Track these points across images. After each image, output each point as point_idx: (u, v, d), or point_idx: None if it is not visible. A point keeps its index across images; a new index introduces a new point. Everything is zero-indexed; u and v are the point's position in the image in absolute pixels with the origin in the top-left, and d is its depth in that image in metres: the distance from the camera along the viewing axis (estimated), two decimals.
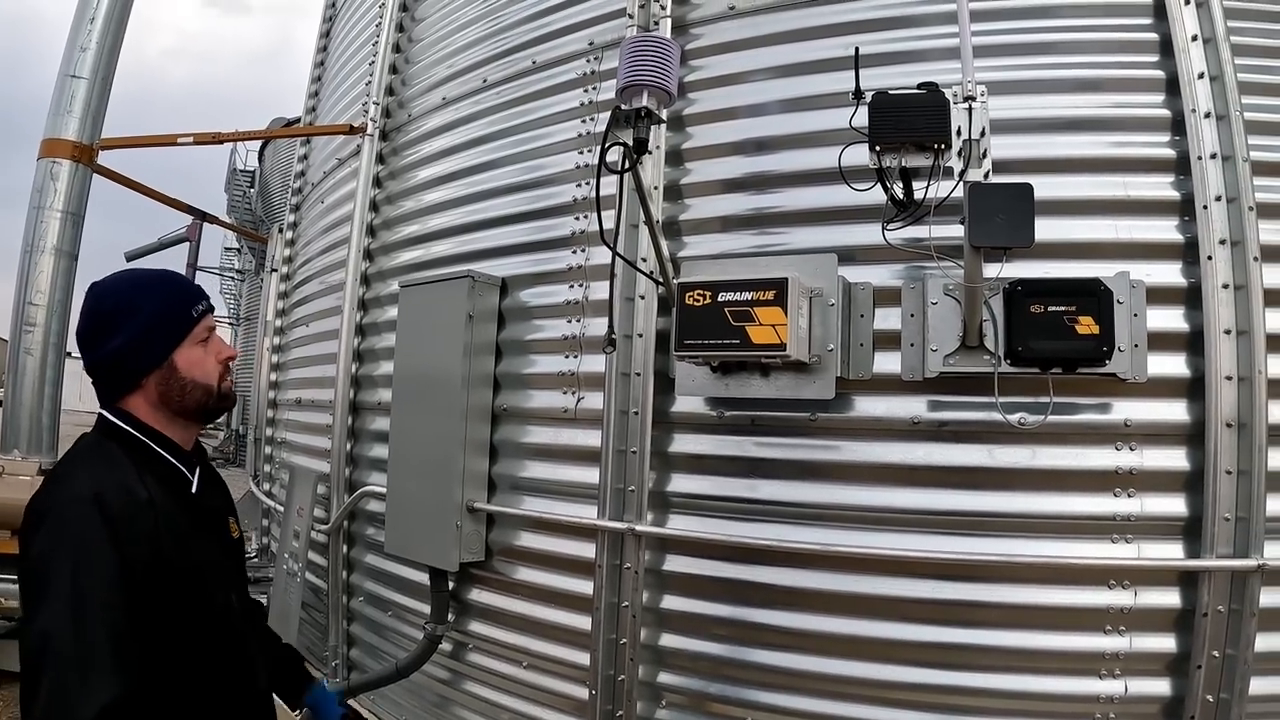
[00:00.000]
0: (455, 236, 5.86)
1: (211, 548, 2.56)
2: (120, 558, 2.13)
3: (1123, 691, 3.83)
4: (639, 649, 4.49)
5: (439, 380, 5.20)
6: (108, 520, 2.15)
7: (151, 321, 2.48)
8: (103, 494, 2.20)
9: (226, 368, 2.65)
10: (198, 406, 2.55)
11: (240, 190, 33.96)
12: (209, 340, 2.61)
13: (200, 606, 2.40)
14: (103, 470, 2.32)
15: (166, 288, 2.59)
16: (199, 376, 2.54)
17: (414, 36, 6.88)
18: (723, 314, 3.86)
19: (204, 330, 2.59)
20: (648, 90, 3.45)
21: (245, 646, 2.65)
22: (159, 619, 2.22)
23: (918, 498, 4.08)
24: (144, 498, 2.29)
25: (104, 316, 2.48)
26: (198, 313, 2.58)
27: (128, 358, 2.47)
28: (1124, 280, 3.75)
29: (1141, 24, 4.26)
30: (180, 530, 2.36)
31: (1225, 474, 3.76)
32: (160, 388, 2.49)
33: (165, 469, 2.47)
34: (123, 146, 8.60)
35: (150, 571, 2.20)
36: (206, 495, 2.63)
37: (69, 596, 2.06)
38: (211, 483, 2.72)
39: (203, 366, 2.56)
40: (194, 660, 2.35)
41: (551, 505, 4.94)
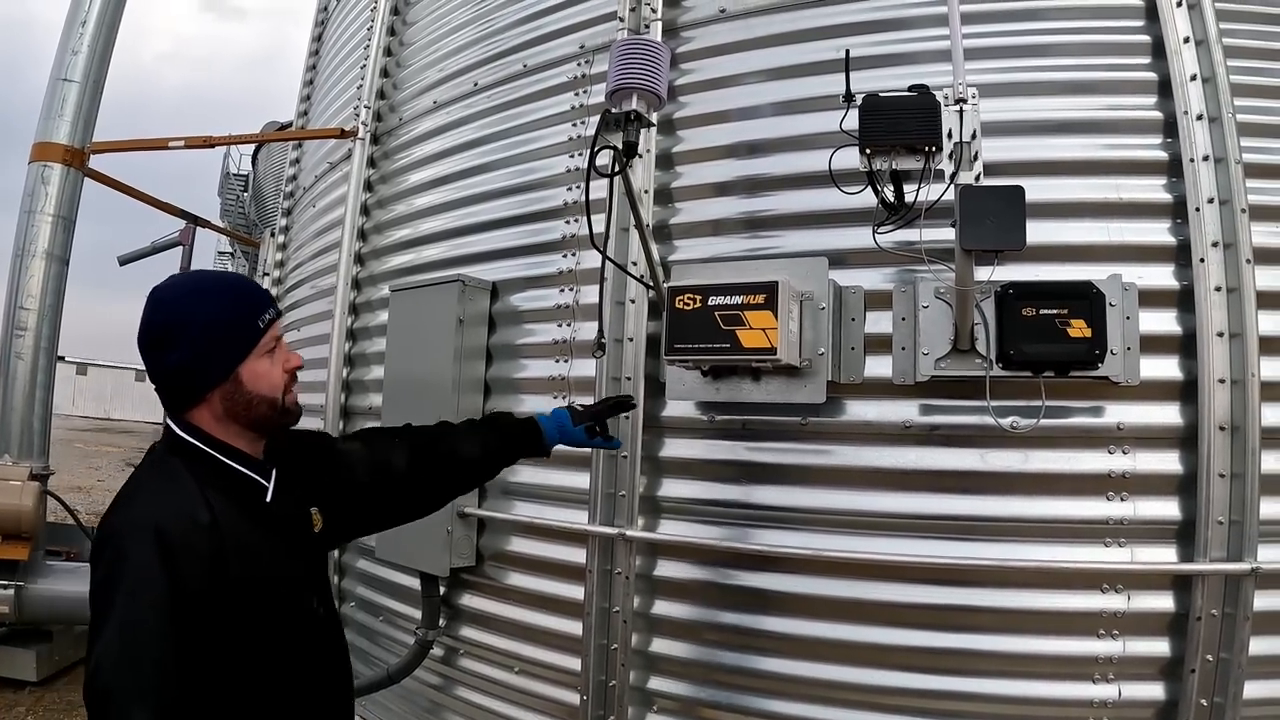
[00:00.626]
0: (446, 240, 5.85)
1: (288, 556, 2.46)
2: (176, 587, 2.07)
3: (1116, 696, 3.81)
4: (630, 654, 4.48)
5: (430, 384, 5.18)
6: (164, 549, 2.08)
7: (214, 334, 2.34)
8: (161, 522, 2.13)
9: (293, 378, 2.53)
10: (263, 420, 2.44)
11: (233, 194, 33.93)
12: (276, 349, 2.47)
13: (277, 619, 2.34)
14: (164, 493, 2.26)
15: (230, 295, 2.44)
16: (264, 390, 2.41)
17: (405, 40, 6.87)
18: (713, 318, 3.84)
19: (271, 340, 2.45)
20: (637, 93, 3.43)
21: (330, 647, 2.60)
22: (226, 642, 2.17)
23: (910, 502, 4.07)
24: (205, 520, 2.19)
25: (162, 328, 2.35)
26: (264, 322, 2.44)
27: (189, 373, 2.35)
28: (1116, 283, 3.74)
29: (1133, 26, 4.25)
30: (250, 546, 2.28)
31: (1218, 477, 3.75)
32: (225, 403, 2.37)
33: (235, 481, 2.38)
34: (114, 150, 8.58)
35: (212, 597, 2.14)
36: (283, 499, 2.51)
37: (120, 625, 2.03)
38: (292, 479, 2.59)
39: (269, 379, 2.43)
40: (270, 674, 2.31)
41: (542, 510, 4.93)
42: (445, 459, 3.18)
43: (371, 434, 3.17)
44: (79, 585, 7.69)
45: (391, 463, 2.99)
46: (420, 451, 3.10)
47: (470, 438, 3.29)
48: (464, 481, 3.34)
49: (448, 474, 3.20)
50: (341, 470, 2.85)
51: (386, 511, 3.07)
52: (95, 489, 21.83)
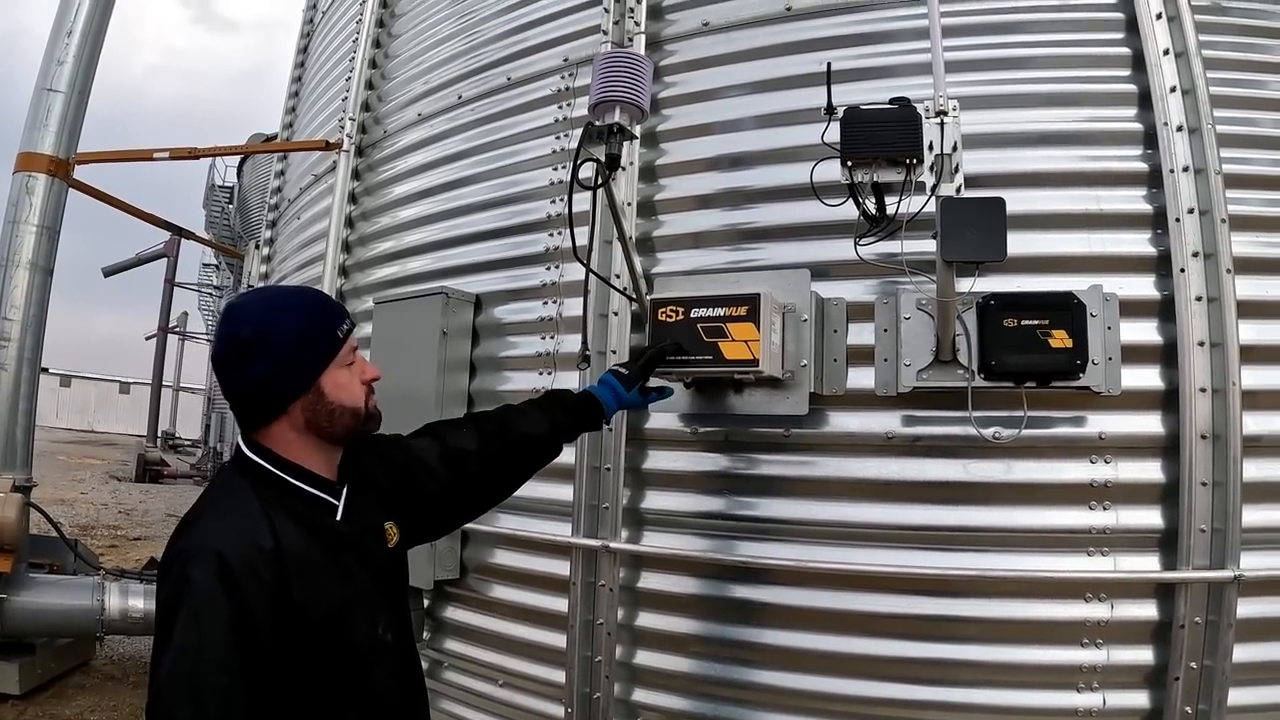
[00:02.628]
0: (430, 253, 5.86)
1: (356, 577, 2.41)
2: (239, 613, 2.06)
3: (1101, 704, 3.82)
4: (614, 666, 4.48)
5: (413, 397, 5.18)
6: (226, 575, 2.07)
7: (297, 346, 2.37)
8: (223, 548, 2.11)
9: (371, 388, 2.54)
10: (345, 431, 2.45)
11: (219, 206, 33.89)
12: (355, 360, 2.50)
13: (341, 647, 2.30)
14: (229, 517, 2.24)
15: (309, 308, 2.47)
16: (346, 400, 2.42)
17: (390, 52, 6.89)
18: (696, 330, 3.84)
19: (349, 352, 2.48)
20: (620, 106, 3.43)
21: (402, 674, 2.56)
22: (295, 665, 2.17)
23: (893, 513, 4.08)
24: (269, 546, 2.18)
25: (244, 344, 2.34)
26: (343, 333, 2.46)
27: (273, 385, 2.36)
28: (1097, 293, 3.76)
29: (1114, 39, 4.29)
30: (316, 571, 2.26)
31: (1200, 486, 3.77)
32: (307, 414, 2.38)
33: (303, 502, 2.36)
34: (99, 161, 8.57)
35: (275, 623, 2.12)
36: (354, 516, 2.48)
37: (181, 651, 2.02)
38: (365, 496, 2.57)
39: (350, 389, 2.44)
40: (343, 698, 2.29)
41: (526, 522, 4.93)
42: (518, 442, 3.17)
43: (441, 427, 3.15)
44: (61, 598, 7.68)
45: (467, 453, 2.99)
46: (492, 439, 3.09)
47: (537, 416, 3.28)
48: (535, 462, 3.27)
49: (521, 457, 3.20)
50: (419, 472, 2.84)
51: (466, 504, 3.08)
52: (78, 501, 21.77)
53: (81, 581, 7.98)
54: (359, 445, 2.63)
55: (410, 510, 2.74)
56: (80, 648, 8.60)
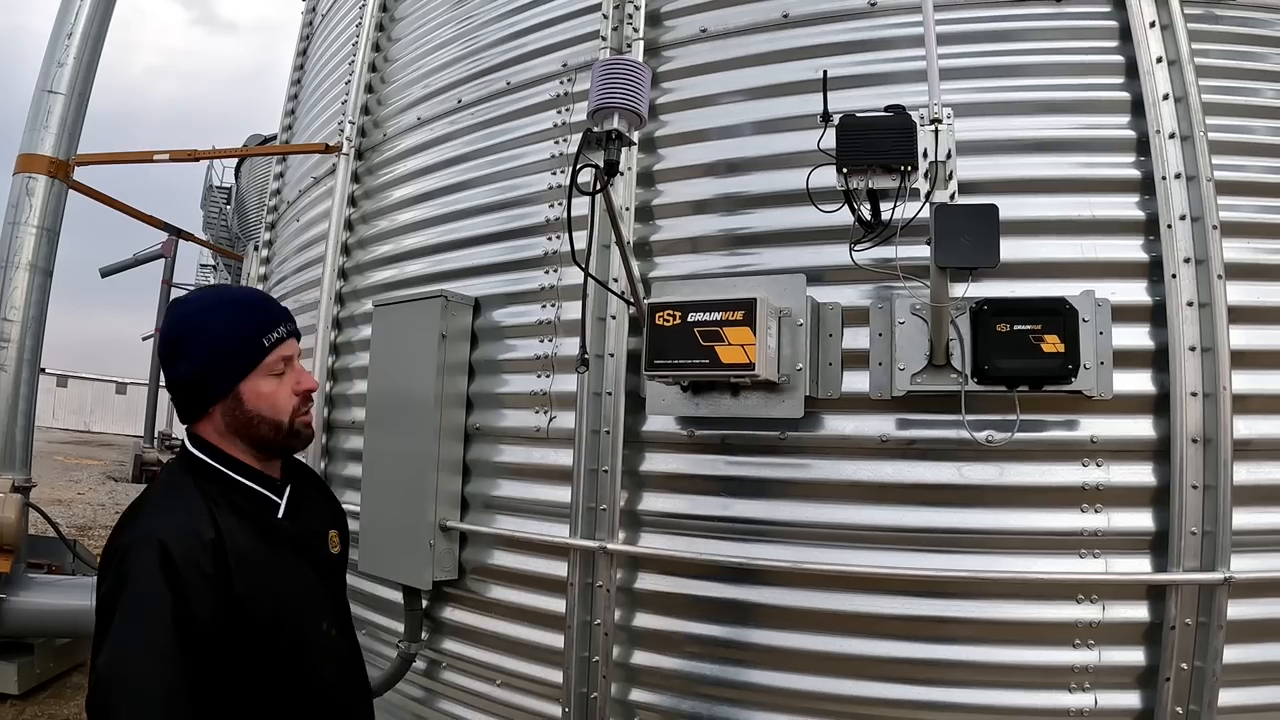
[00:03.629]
0: (429, 256, 5.89)
1: (301, 575, 2.43)
2: (179, 605, 2.07)
3: (1093, 705, 3.86)
4: (611, 667, 4.50)
5: (412, 399, 5.21)
6: (167, 566, 2.08)
7: (217, 350, 2.36)
8: (165, 538, 2.11)
9: (305, 400, 2.49)
10: (265, 441, 2.42)
11: (216, 207, 33.87)
12: (286, 371, 2.45)
13: (285, 640, 2.30)
14: (169, 510, 2.24)
15: (238, 312, 2.44)
16: (266, 411, 2.39)
17: (390, 56, 6.90)
18: (692, 334, 3.89)
19: (278, 361, 2.42)
20: (618, 112, 3.47)
21: (344, 672, 2.56)
22: (236, 656, 2.17)
23: (887, 515, 4.11)
24: (210, 538, 2.18)
25: (172, 342, 2.39)
26: (270, 341, 2.41)
27: (194, 386, 2.37)
28: (1089, 299, 3.80)
29: (1107, 46, 4.32)
30: (259, 564, 2.26)
31: (1191, 489, 3.80)
32: (226, 418, 2.38)
33: (245, 497, 2.37)
34: (99, 163, 8.59)
35: (219, 615, 2.13)
36: (297, 517, 2.49)
37: (122, 642, 2.03)
38: (305, 501, 2.59)
39: (272, 400, 2.40)
40: (284, 691, 2.29)
41: (524, 524, 4.95)
42: None
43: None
44: (60, 598, 7.70)
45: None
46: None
47: None
48: None
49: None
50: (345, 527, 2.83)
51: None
52: (76, 502, 21.76)
53: (80, 582, 8.01)
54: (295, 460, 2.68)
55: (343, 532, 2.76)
56: (79, 648, 8.61)
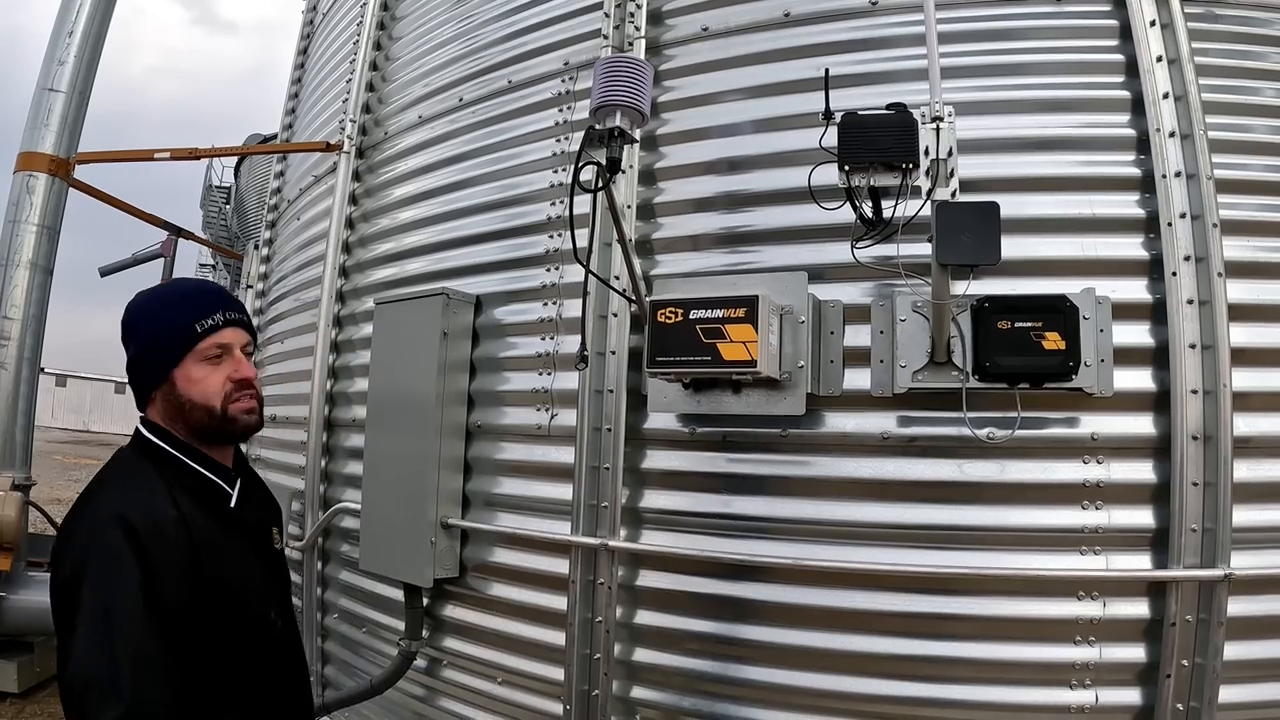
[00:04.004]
0: (430, 254, 5.89)
1: (252, 563, 2.49)
2: (147, 576, 2.10)
3: (1093, 701, 3.86)
4: (613, 664, 4.51)
5: (413, 397, 5.22)
6: (132, 537, 2.11)
7: (153, 337, 2.44)
8: (126, 512, 2.16)
9: (239, 387, 2.49)
10: (200, 427, 2.45)
11: (215, 207, 33.77)
12: (222, 358, 2.48)
13: (239, 623, 2.35)
14: (130, 488, 2.31)
15: (177, 301, 2.51)
16: (197, 396, 2.42)
17: (391, 55, 6.90)
18: (694, 331, 3.90)
19: (212, 346, 2.45)
20: (621, 110, 3.48)
21: (288, 661, 2.61)
22: (196, 636, 2.19)
23: (888, 512, 4.11)
24: (173, 515, 2.24)
25: (122, 328, 2.49)
26: (204, 327, 2.44)
27: (137, 371, 2.47)
28: (1090, 296, 3.81)
29: (1107, 45, 4.33)
30: (217, 546, 2.31)
31: (1192, 486, 3.81)
32: (164, 404, 2.44)
33: (199, 483, 2.43)
34: (99, 161, 8.58)
35: (183, 589, 2.17)
36: (247, 508, 2.57)
37: (94, 617, 2.04)
38: (254, 494, 2.67)
39: (203, 386, 2.43)
40: (235, 676, 2.32)
41: (525, 521, 4.95)
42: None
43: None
44: None
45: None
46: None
47: None
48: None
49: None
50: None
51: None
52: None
53: None
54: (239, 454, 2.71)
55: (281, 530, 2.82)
56: None
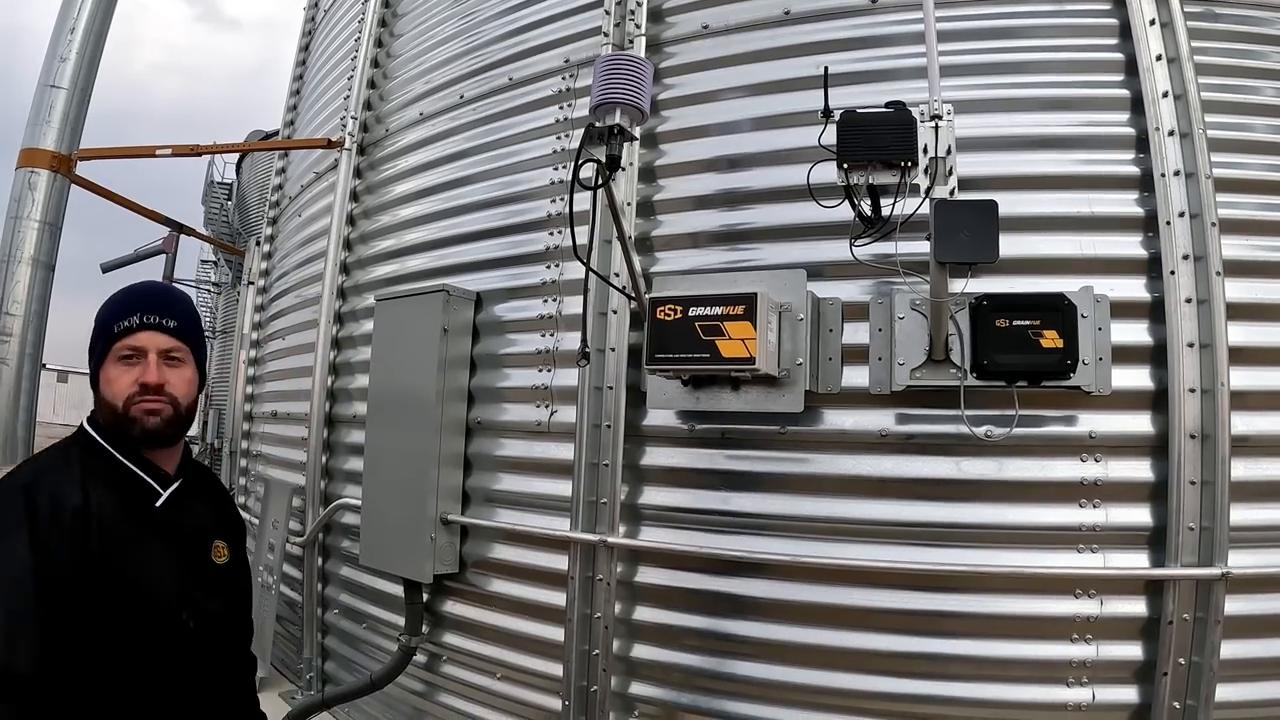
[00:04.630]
0: (430, 251, 5.90)
1: (168, 564, 2.39)
2: (38, 548, 2.11)
3: (1090, 699, 3.87)
4: (611, 660, 4.52)
5: (414, 394, 5.24)
6: (30, 509, 2.15)
7: (93, 336, 2.48)
8: (33, 486, 2.21)
9: (143, 392, 2.41)
10: (109, 426, 2.42)
11: (217, 203, 33.78)
12: (134, 359, 2.43)
13: (137, 620, 2.26)
14: (47, 469, 2.32)
15: (111, 303, 2.51)
16: (108, 396, 2.41)
17: (392, 52, 6.92)
18: (693, 328, 3.91)
19: (124, 348, 2.42)
20: (620, 108, 3.49)
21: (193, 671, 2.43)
22: (83, 620, 2.16)
23: (886, 509, 4.13)
24: (75, 502, 2.22)
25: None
26: (119, 329, 2.42)
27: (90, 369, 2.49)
28: (1088, 295, 3.81)
29: (1107, 44, 4.34)
30: (124, 540, 2.28)
31: (1189, 484, 3.82)
32: (97, 402, 2.46)
33: (123, 478, 2.40)
34: (101, 157, 8.59)
35: (72, 571, 2.15)
36: (182, 513, 2.48)
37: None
38: (197, 503, 2.58)
39: (112, 386, 2.41)
40: (124, 670, 2.24)
41: (525, 518, 4.97)
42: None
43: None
44: None
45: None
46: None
47: None
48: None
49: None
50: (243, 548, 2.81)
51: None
52: None
53: None
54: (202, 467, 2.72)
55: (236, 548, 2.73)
56: None
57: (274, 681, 6.61)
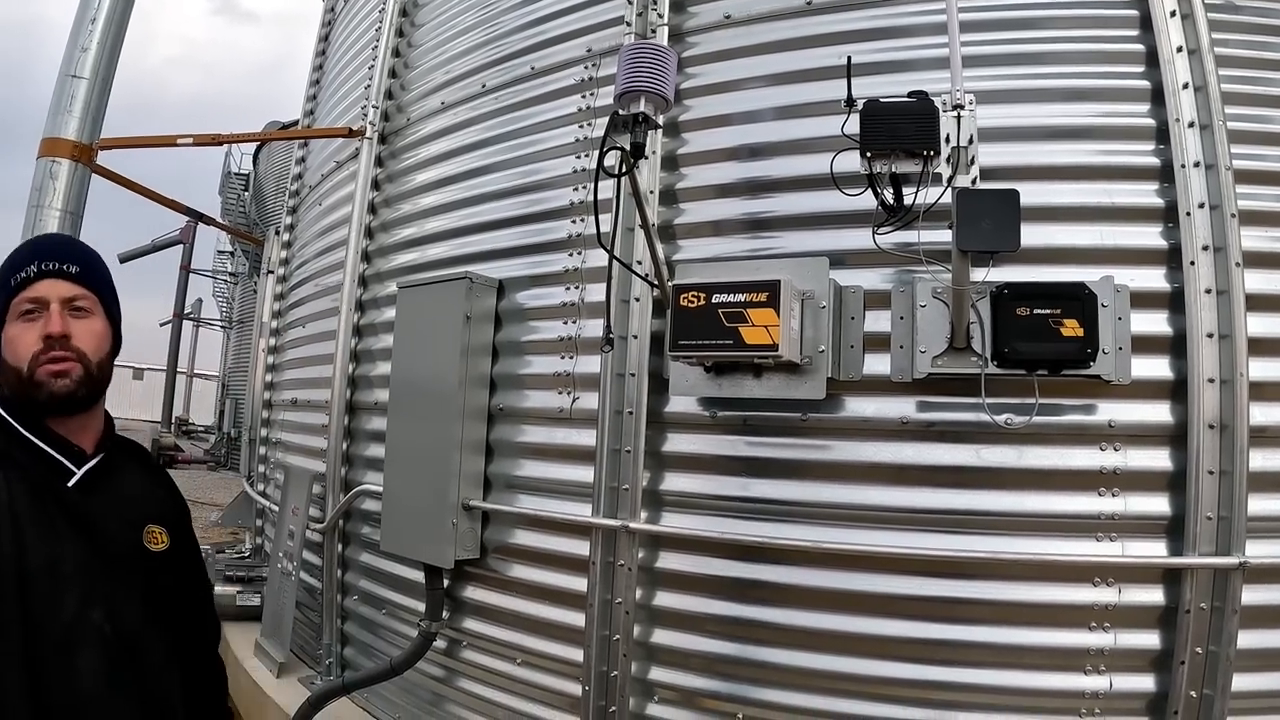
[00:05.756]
0: (452, 239, 5.94)
1: (72, 551, 2.10)
2: None
3: (1107, 687, 3.90)
4: (632, 645, 4.55)
5: (436, 380, 5.28)
6: None
7: None
8: None
9: (47, 347, 2.16)
10: (14, 394, 2.17)
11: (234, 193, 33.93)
12: (36, 313, 2.19)
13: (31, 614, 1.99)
14: None
15: (11, 256, 2.26)
16: (9, 357, 2.16)
17: (413, 41, 6.95)
18: (717, 315, 3.94)
19: (24, 301, 2.19)
20: (645, 96, 3.52)
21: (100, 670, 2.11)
22: None
23: (906, 496, 4.15)
24: None
25: None
26: (16, 282, 2.19)
27: None
28: (1108, 284, 3.84)
29: (1128, 35, 4.35)
30: (21, 523, 2.02)
31: (1207, 474, 3.83)
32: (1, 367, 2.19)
33: (32, 457, 2.14)
34: (122, 146, 8.61)
35: None
36: (97, 494, 2.22)
37: None
38: (118, 483, 2.31)
39: (15, 346, 2.16)
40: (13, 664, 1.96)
41: (546, 503, 5.00)
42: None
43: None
44: None
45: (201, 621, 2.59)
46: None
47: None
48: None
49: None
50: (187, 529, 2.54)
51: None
52: None
53: None
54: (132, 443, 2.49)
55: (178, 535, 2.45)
56: None
57: (293, 667, 6.65)
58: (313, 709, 5.57)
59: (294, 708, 5.65)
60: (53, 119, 8.23)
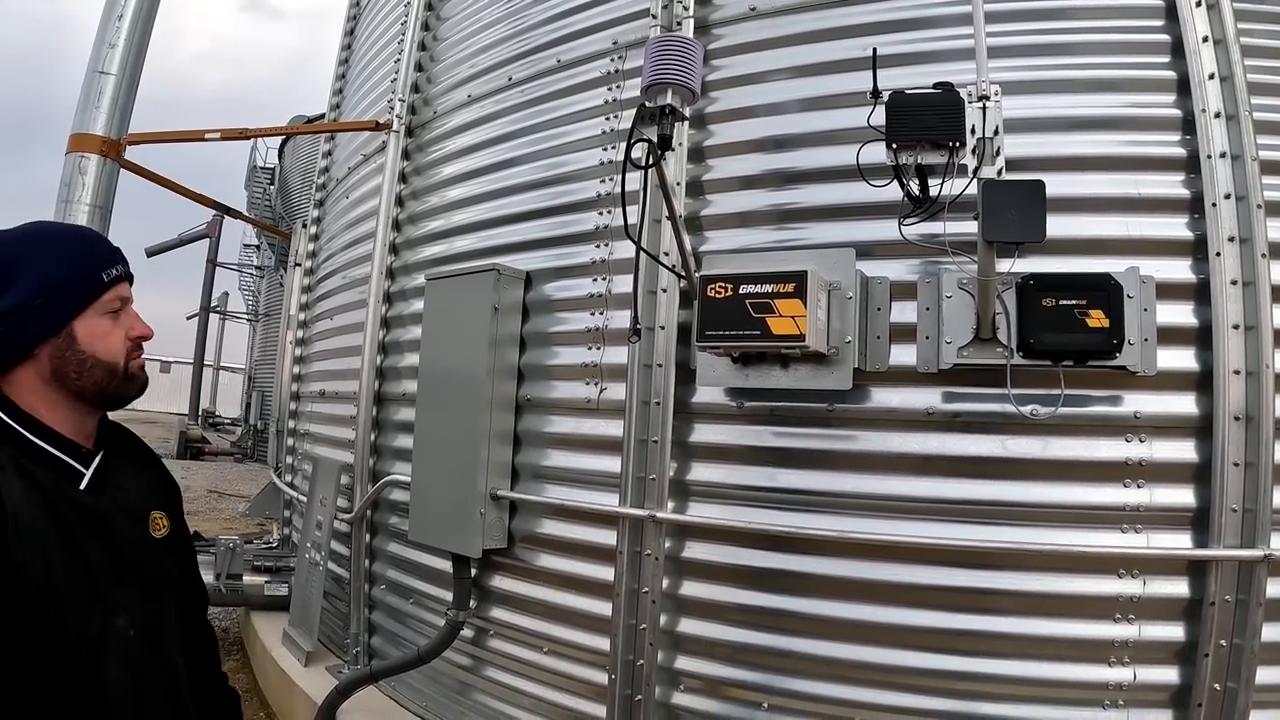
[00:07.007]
0: (479, 231, 5.98)
1: (92, 557, 2.05)
2: None
3: (1131, 679, 3.90)
4: (658, 634, 4.58)
5: (464, 371, 5.32)
6: None
7: (51, 281, 2.09)
8: None
9: (137, 347, 2.22)
10: (97, 388, 2.14)
11: (260, 187, 34.12)
12: (121, 313, 2.20)
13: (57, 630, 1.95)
14: None
15: (75, 244, 2.21)
16: (101, 353, 2.13)
17: (439, 35, 6.99)
18: (744, 306, 3.96)
19: (115, 299, 2.18)
20: (672, 88, 3.54)
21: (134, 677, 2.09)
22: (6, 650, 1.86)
23: (932, 487, 4.17)
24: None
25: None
26: (109, 277, 2.17)
27: (20, 321, 2.06)
28: (1134, 275, 3.84)
29: (1153, 25, 4.34)
30: (41, 537, 1.95)
31: (1233, 466, 3.83)
32: (55, 360, 2.09)
33: (43, 464, 2.06)
34: (150, 141, 8.68)
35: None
36: (106, 493, 2.17)
37: None
38: (120, 474, 2.26)
39: (107, 341, 2.14)
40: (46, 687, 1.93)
41: (573, 493, 5.04)
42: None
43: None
44: None
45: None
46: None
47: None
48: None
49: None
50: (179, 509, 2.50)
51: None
52: None
53: None
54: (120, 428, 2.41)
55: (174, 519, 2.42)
56: None
57: (321, 656, 6.71)
58: (340, 697, 5.63)
59: (321, 696, 5.72)
60: (81, 115, 8.29)
